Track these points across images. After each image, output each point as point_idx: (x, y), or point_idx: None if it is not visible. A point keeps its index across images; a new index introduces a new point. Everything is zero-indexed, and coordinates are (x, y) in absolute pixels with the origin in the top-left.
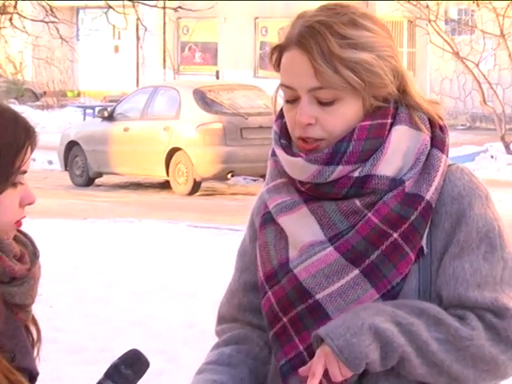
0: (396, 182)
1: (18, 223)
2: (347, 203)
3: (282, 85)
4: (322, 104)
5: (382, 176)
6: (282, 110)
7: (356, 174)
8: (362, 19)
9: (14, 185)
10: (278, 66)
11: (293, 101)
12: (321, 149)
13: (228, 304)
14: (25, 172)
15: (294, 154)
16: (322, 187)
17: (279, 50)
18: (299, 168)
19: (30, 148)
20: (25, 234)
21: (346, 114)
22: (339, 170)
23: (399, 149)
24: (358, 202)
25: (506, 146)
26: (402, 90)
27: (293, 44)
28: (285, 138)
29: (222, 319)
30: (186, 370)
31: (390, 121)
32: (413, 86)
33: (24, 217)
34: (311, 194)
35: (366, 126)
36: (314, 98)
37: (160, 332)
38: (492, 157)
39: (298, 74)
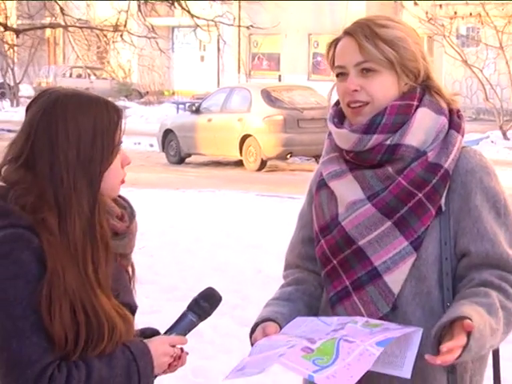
0: (420, 153)
1: (123, 181)
2: (382, 170)
3: (336, 67)
4: (365, 76)
5: (409, 145)
6: (337, 101)
7: (388, 142)
8: (395, 19)
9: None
10: (332, 62)
11: (343, 74)
12: (365, 112)
13: (291, 254)
14: (121, 143)
15: (341, 127)
16: (362, 154)
17: (334, 44)
18: (344, 137)
19: (122, 123)
20: (124, 199)
21: (383, 84)
22: (375, 139)
23: (422, 126)
24: (390, 169)
25: (504, 134)
26: (427, 76)
27: (343, 35)
28: (337, 118)
29: (287, 266)
30: (255, 305)
31: (416, 103)
32: (434, 72)
33: (125, 174)
34: (354, 163)
35: (397, 104)
36: (359, 71)
37: (235, 275)
38: (492, 142)
39: (347, 53)
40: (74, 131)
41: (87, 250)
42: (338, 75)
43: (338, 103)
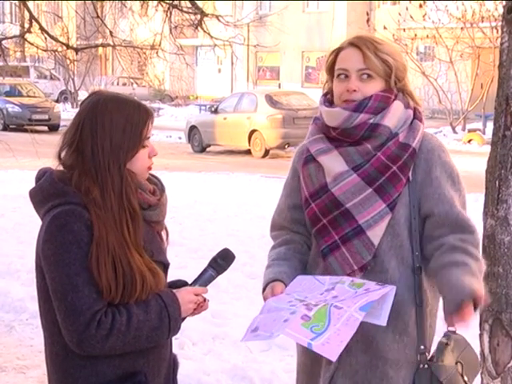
0: (393, 134)
1: (149, 168)
2: (362, 147)
3: (338, 69)
4: (363, 80)
5: (386, 126)
6: (325, 92)
7: (371, 121)
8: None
9: (144, 146)
10: (330, 67)
11: (344, 76)
12: None
13: (278, 217)
14: (149, 137)
15: (334, 107)
16: (348, 130)
17: (336, 52)
18: (335, 115)
19: (151, 122)
20: (155, 177)
21: (375, 89)
22: (361, 117)
23: (396, 113)
24: (369, 146)
25: (453, 129)
26: (403, 81)
27: (347, 45)
28: (327, 103)
29: (273, 227)
30: (260, 263)
31: (393, 97)
32: (408, 79)
33: (152, 163)
34: (338, 140)
35: (380, 94)
36: (358, 76)
37: (244, 240)
38: (444, 135)
39: (351, 60)
40: (109, 124)
41: (122, 218)
42: (338, 75)
43: (325, 94)
